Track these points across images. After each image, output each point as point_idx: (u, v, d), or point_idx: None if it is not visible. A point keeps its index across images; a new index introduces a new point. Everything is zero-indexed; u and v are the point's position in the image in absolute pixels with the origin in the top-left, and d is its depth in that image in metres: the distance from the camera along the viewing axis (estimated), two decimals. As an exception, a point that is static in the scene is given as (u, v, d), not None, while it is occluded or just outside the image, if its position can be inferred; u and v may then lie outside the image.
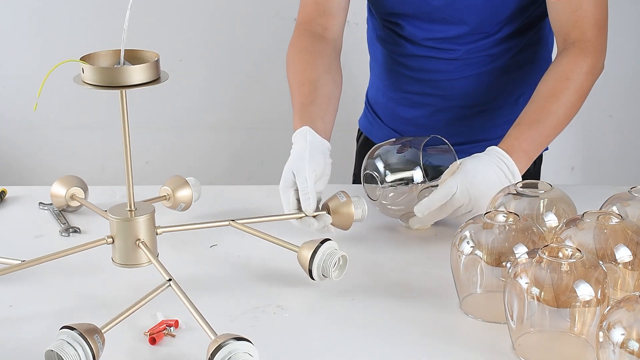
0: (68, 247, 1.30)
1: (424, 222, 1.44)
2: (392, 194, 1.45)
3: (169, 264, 1.27)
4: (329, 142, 1.48)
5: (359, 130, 1.89)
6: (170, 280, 1.22)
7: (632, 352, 1.00)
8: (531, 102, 1.48)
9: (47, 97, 2.59)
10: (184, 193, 1.52)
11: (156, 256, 1.28)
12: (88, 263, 1.40)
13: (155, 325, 1.22)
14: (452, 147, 1.47)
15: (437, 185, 1.41)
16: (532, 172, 1.73)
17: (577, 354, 1.15)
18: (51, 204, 1.59)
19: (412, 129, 1.74)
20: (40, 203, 1.59)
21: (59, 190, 1.53)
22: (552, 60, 1.58)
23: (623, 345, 1.01)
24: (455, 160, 1.45)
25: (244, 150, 2.77)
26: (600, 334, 1.04)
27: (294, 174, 1.40)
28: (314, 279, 1.29)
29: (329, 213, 1.40)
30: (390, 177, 1.44)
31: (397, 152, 1.46)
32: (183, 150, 2.74)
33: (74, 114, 2.70)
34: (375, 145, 1.50)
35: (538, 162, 1.78)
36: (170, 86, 2.66)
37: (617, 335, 1.02)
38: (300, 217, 1.39)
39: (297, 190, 1.39)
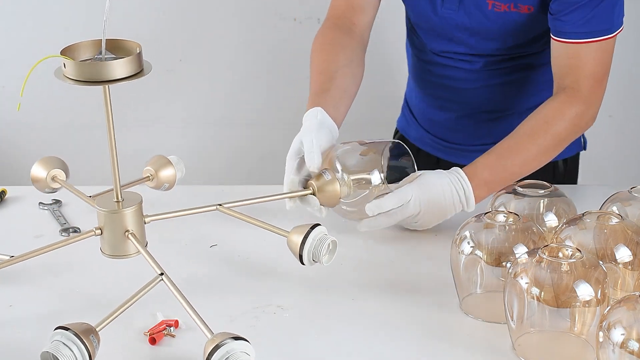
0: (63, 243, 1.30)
1: (372, 226, 1.41)
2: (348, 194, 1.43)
3: (168, 264, 1.27)
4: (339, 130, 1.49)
5: (396, 129, 1.90)
6: (162, 274, 1.21)
7: (632, 352, 1.00)
8: (508, 137, 1.47)
9: (47, 97, 2.59)
10: (167, 172, 1.47)
11: (145, 246, 1.27)
12: (88, 263, 1.40)
13: (155, 325, 1.22)
14: (412, 157, 1.44)
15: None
16: (565, 174, 1.72)
17: (577, 354, 1.15)
18: (51, 204, 1.59)
19: (442, 130, 1.74)
20: (40, 203, 1.59)
21: (39, 172, 1.45)
22: None
23: (623, 345, 1.01)
24: (415, 170, 1.44)
25: (244, 149, 2.76)
26: (600, 334, 1.04)
27: (301, 142, 1.40)
28: (304, 264, 1.25)
29: (314, 192, 1.39)
30: (347, 177, 1.40)
31: (358, 154, 1.43)
32: (182, 149, 2.74)
33: (73, 114, 2.70)
34: (338, 145, 1.47)
35: (575, 163, 1.76)
36: (170, 86, 2.66)
37: (617, 335, 1.02)
38: (289, 197, 1.39)
39: (302, 157, 1.40)
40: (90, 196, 1.39)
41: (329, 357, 1.17)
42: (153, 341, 1.20)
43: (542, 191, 1.36)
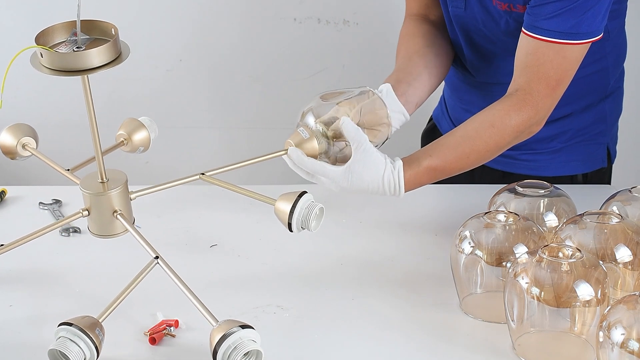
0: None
1: (295, 161, 1.39)
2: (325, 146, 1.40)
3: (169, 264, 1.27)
4: (406, 105, 1.48)
5: (430, 117, 1.89)
6: (157, 257, 1.21)
7: (632, 352, 1.00)
8: (453, 134, 1.42)
9: (46, 96, 2.59)
10: (140, 135, 1.45)
11: (133, 223, 1.26)
12: (86, 262, 1.40)
13: (155, 325, 1.22)
14: (384, 102, 1.42)
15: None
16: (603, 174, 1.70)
17: (577, 354, 1.15)
18: (51, 204, 1.59)
19: None
20: (40, 203, 1.59)
21: (8, 139, 1.43)
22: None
23: (623, 345, 1.01)
24: (388, 118, 1.41)
25: (244, 150, 2.76)
26: (600, 333, 1.04)
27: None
28: (292, 231, 1.25)
29: None
30: (323, 129, 1.39)
31: (333, 106, 1.40)
32: (182, 150, 2.74)
33: (72, 113, 2.70)
34: (314, 99, 1.44)
35: (597, 178, 1.71)
36: (170, 86, 2.66)
37: (617, 335, 1.02)
38: (267, 159, 1.40)
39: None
40: (68, 169, 1.36)
41: (329, 357, 1.17)
42: (153, 341, 1.20)
43: (542, 191, 1.36)
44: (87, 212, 1.24)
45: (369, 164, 1.34)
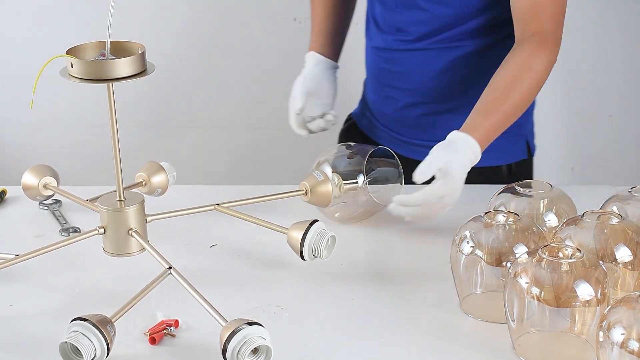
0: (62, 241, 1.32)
1: (401, 212, 1.42)
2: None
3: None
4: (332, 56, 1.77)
5: (349, 116, 1.92)
6: (170, 268, 1.23)
7: (632, 352, 1.00)
8: (493, 87, 1.49)
9: (47, 96, 2.59)
10: (159, 178, 1.51)
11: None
12: (85, 261, 1.40)
13: (155, 325, 1.22)
14: (398, 161, 1.52)
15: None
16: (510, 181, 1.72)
17: (577, 354, 1.15)
18: (51, 204, 1.59)
19: (390, 123, 1.76)
20: (40, 203, 1.59)
21: (30, 180, 1.52)
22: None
23: (623, 345, 1.01)
24: (400, 175, 1.51)
25: (245, 150, 2.76)
26: (600, 333, 1.04)
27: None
28: (304, 259, 1.32)
29: (306, 192, 1.46)
30: (337, 179, 1.48)
31: (347, 158, 1.50)
32: (183, 150, 2.74)
33: (73, 113, 2.70)
34: (328, 149, 1.54)
35: (521, 169, 1.77)
36: (171, 86, 2.66)
37: (617, 335, 1.02)
38: (282, 197, 1.45)
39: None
40: (87, 200, 1.42)
41: (329, 357, 1.17)
42: (153, 341, 1.20)
43: (542, 191, 1.36)
44: (103, 229, 1.28)
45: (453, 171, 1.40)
